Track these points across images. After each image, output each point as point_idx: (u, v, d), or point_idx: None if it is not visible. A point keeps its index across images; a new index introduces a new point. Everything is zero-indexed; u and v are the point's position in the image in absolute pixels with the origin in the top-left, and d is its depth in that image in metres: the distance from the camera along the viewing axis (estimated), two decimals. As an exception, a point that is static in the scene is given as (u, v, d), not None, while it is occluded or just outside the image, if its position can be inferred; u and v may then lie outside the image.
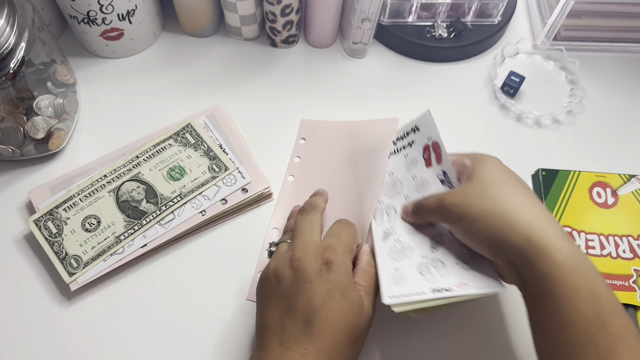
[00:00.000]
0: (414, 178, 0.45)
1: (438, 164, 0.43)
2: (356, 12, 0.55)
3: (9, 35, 0.44)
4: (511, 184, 0.38)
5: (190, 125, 0.53)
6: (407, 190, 0.45)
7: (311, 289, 0.36)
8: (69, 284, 0.46)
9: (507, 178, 0.39)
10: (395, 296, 0.39)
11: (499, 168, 0.40)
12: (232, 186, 0.51)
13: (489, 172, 0.39)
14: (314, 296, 0.35)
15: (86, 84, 0.58)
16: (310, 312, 0.35)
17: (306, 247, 0.38)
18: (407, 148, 0.46)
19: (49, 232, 0.47)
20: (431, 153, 0.44)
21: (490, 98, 0.60)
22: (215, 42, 0.63)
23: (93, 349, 0.45)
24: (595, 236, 0.50)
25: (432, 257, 0.41)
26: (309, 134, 0.55)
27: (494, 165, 0.40)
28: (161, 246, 0.48)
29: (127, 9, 0.55)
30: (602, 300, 0.32)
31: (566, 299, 0.33)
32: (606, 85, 0.61)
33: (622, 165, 0.56)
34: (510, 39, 0.64)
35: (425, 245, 0.42)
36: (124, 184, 0.50)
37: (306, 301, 0.35)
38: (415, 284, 0.40)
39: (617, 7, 0.60)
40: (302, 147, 0.55)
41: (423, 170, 0.44)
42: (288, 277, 0.37)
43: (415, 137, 0.46)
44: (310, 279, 0.36)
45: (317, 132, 0.55)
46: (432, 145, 0.44)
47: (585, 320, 0.32)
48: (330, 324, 0.35)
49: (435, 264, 0.41)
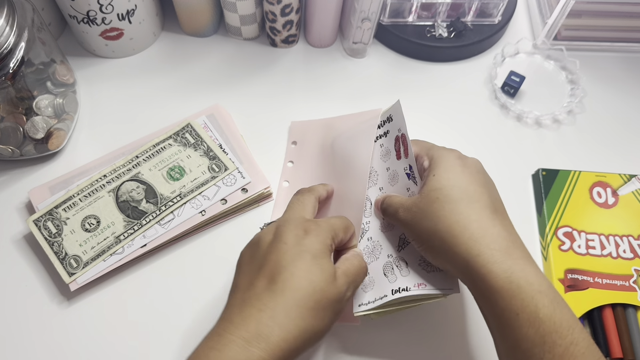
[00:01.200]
0: (387, 170, 0.44)
1: (405, 158, 0.42)
2: (356, 12, 0.55)
3: (9, 35, 0.44)
4: (458, 198, 0.36)
5: (190, 125, 0.53)
6: (381, 182, 0.44)
7: (283, 248, 0.36)
8: (69, 284, 0.46)
9: (456, 190, 0.37)
10: (364, 303, 0.40)
11: (452, 174, 0.38)
12: (232, 186, 0.50)
13: (440, 182, 0.37)
14: (284, 255, 0.35)
15: (86, 84, 0.58)
16: (277, 269, 0.35)
17: (291, 219, 0.38)
18: (383, 138, 0.45)
19: (49, 232, 0.47)
20: (400, 145, 0.43)
21: (490, 98, 0.60)
22: (215, 41, 0.62)
23: (92, 349, 0.45)
24: (595, 236, 0.50)
25: (397, 256, 0.42)
26: (299, 137, 0.54)
27: (447, 173, 0.38)
28: (161, 246, 0.48)
29: (126, 9, 0.55)
30: (545, 322, 0.32)
31: (508, 323, 0.33)
32: (606, 85, 0.61)
33: (623, 165, 0.55)
34: (511, 39, 0.64)
35: (394, 243, 0.42)
36: (123, 184, 0.50)
37: (276, 259, 0.35)
38: (380, 287, 0.40)
39: (618, 6, 0.60)
40: (294, 152, 0.54)
41: (394, 163, 0.43)
42: (267, 241, 0.37)
43: (389, 127, 0.44)
44: (285, 240, 0.36)
45: (307, 133, 0.54)
46: (400, 137, 0.43)
47: (530, 343, 0.32)
48: (294, 282, 0.34)
49: (398, 264, 0.41)
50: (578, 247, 0.49)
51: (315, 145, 0.52)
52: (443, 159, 0.39)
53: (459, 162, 0.39)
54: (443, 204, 0.36)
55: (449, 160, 0.39)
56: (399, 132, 0.43)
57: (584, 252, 0.49)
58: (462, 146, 0.56)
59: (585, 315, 0.46)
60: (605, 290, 0.47)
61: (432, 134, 0.56)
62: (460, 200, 0.36)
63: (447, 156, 0.39)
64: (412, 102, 0.59)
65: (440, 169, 0.38)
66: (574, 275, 0.48)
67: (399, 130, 0.43)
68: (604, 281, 0.47)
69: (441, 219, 0.36)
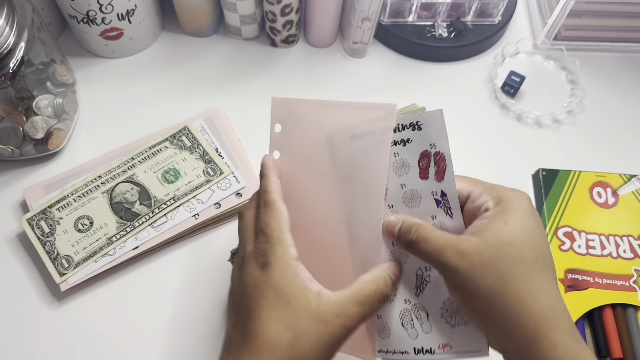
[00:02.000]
0: (402, 186, 0.36)
1: (437, 181, 0.34)
2: (356, 12, 0.55)
3: (9, 35, 0.44)
4: (533, 261, 0.31)
5: (187, 127, 0.53)
6: (392, 199, 0.36)
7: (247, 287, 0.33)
8: (60, 284, 0.45)
9: (532, 250, 0.31)
10: (383, 351, 0.35)
11: (529, 226, 0.31)
12: (227, 190, 0.50)
13: (515, 234, 0.31)
14: (250, 297, 0.33)
15: (86, 84, 0.58)
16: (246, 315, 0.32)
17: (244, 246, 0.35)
18: (399, 145, 0.36)
19: (42, 232, 0.47)
20: (431, 164, 0.34)
21: (490, 98, 0.60)
22: (215, 41, 0.62)
23: (81, 351, 0.45)
24: (595, 236, 0.50)
25: (415, 302, 0.35)
26: (285, 119, 0.39)
27: (523, 225, 0.31)
28: (153, 249, 0.48)
29: (126, 9, 0.55)
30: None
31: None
32: (606, 85, 0.61)
33: (623, 165, 0.55)
34: (511, 39, 0.63)
35: (410, 283, 0.35)
36: (118, 185, 0.50)
37: (246, 303, 0.33)
38: (399, 339, 0.35)
39: (618, 6, 0.60)
40: (280, 139, 0.39)
41: (415, 181, 0.35)
42: (235, 279, 0.35)
43: (413, 136, 0.35)
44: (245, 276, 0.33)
45: (296, 116, 0.39)
46: (434, 154, 0.34)
47: None
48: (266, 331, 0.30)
49: (418, 314, 0.35)
50: (578, 247, 0.49)
51: (307, 134, 0.39)
52: (516, 204, 0.32)
53: (532, 211, 0.32)
54: (517, 264, 0.30)
55: (523, 207, 0.32)
56: (432, 147, 0.34)
57: (584, 252, 0.49)
58: (463, 146, 0.56)
59: (585, 315, 0.46)
60: (605, 290, 0.47)
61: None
62: (534, 263, 0.31)
63: (520, 201, 0.32)
64: (412, 102, 0.59)
65: (515, 217, 0.31)
66: (574, 275, 0.48)
67: (433, 146, 0.34)
68: (604, 281, 0.47)
69: (511, 281, 0.30)
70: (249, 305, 0.31)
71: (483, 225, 0.31)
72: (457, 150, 0.55)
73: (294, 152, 0.39)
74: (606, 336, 0.45)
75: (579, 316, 0.46)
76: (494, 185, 0.34)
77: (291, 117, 0.39)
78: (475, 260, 0.30)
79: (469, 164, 0.55)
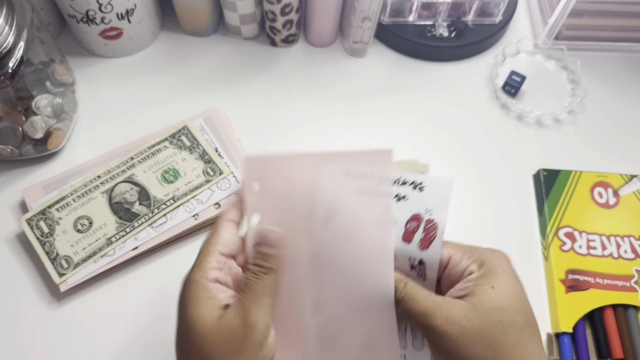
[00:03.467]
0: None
1: (420, 249, 0.32)
2: (356, 11, 0.55)
3: (8, 35, 0.44)
4: (523, 326, 0.30)
5: (187, 127, 0.53)
6: None
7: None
8: (59, 285, 0.45)
9: (521, 315, 0.30)
10: None
11: (515, 290, 0.31)
12: (226, 190, 0.50)
13: (504, 300, 0.30)
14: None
15: (85, 84, 0.58)
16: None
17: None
18: (394, 199, 0.34)
19: (41, 232, 0.47)
20: (419, 229, 0.33)
21: (491, 98, 0.60)
22: (215, 41, 0.62)
23: (81, 351, 0.44)
24: (596, 236, 0.50)
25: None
26: (261, 177, 0.34)
27: (510, 289, 0.31)
28: (152, 249, 0.48)
29: (126, 8, 0.55)
30: None
31: None
32: (607, 85, 0.61)
33: (624, 165, 0.55)
34: (511, 39, 0.63)
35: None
36: (117, 185, 0.49)
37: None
38: None
39: (619, 6, 0.60)
40: (258, 200, 0.34)
41: (396, 240, 0.33)
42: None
43: (411, 195, 0.33)
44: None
45: (272, 172, 0.34)
46: (426, 221, 0.33)
47: None
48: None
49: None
50: (579, 248, 0.49)
51: (287, 191, 0.34)
52: (500, 266, 0.31)
53: (514, 272, 0.32)
54: (508, 331, 0.30)
55: (505, 269, 0.32)
56: (426, 213, 0.33)
57: (585, 253, 0.49)
58: (463, 146, 0.56)
59: (586, 315, 0.46)
60: (606, 291, 0.47)
61: (433, 134, 0.56)
62: (524, 328, 0.30)
63: (502, 262, 0.32)
64: (412, 102, 0.59)
65: (501, 280, 0.31)
66: (575, 275, 0.48)
67: (428, 212, 0.33)
68: (605, 282, 0.47)
69: (503, 349, 0.29)
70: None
71: (469, 290, 0.31)
72: (458, 151, 0.56)
73: (273, 213, 0.34)
74: (607, 337, 0.45)
75: (580, 317, 0.46)
76: (472, 247, 0.33)
77: (268, 175, 0.34)
78: (466, 326, 0.29)
79: (469, 164, 0.55)
